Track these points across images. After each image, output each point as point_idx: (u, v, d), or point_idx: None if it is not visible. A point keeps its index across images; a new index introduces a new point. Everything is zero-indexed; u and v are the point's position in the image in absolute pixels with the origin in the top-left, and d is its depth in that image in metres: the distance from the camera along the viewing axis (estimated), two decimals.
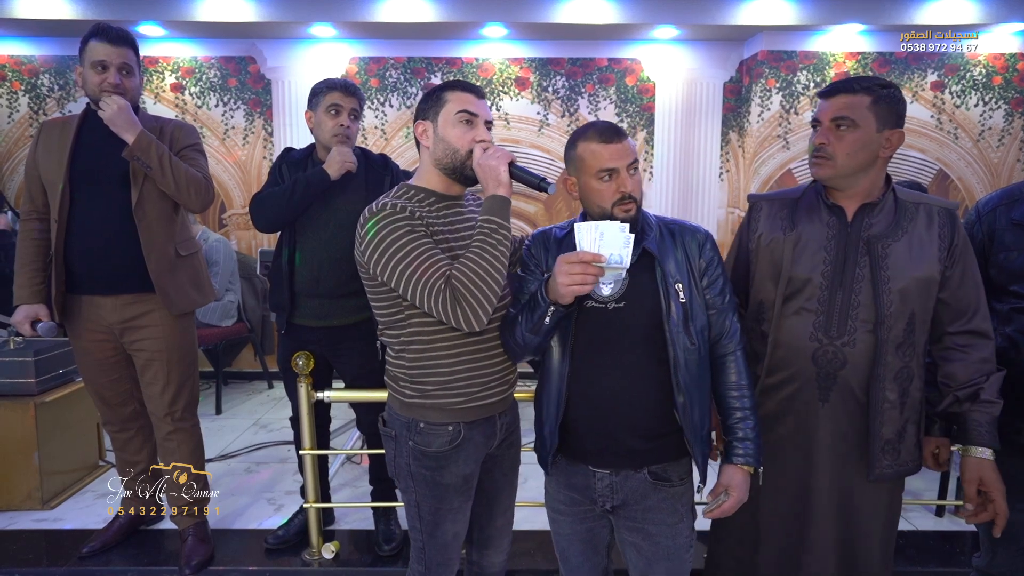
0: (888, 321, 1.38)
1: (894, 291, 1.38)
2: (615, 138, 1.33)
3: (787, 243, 1.45)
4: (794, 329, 1.44)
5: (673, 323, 1.31)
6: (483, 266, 1.29)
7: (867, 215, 1.42)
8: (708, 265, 1.38)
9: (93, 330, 2.12)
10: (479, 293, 1.28)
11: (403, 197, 1.40)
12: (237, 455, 3.20)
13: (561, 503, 1.46)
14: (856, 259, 1.40)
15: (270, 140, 4.46)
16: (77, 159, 2.03)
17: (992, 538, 1.49)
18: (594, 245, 1.21)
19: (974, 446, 1.40)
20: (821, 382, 1.43)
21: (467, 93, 1.39)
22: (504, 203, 1.33)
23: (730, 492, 1.35)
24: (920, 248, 1.40)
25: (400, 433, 1.44)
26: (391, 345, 1.45)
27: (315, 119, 2.10)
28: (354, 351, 2.12)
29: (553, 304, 1.26)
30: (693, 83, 4.46)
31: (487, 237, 1.31)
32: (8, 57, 4.37)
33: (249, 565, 2.23)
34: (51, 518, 2.55)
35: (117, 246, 2.04)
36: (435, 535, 1.46)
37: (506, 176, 1.33)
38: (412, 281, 1.29)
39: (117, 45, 1.98)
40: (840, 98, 1.38)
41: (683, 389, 1.31)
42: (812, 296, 1.42)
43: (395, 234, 1.31)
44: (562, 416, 1.36)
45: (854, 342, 1.40)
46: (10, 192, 4.45)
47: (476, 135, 1.39)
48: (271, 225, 2.09)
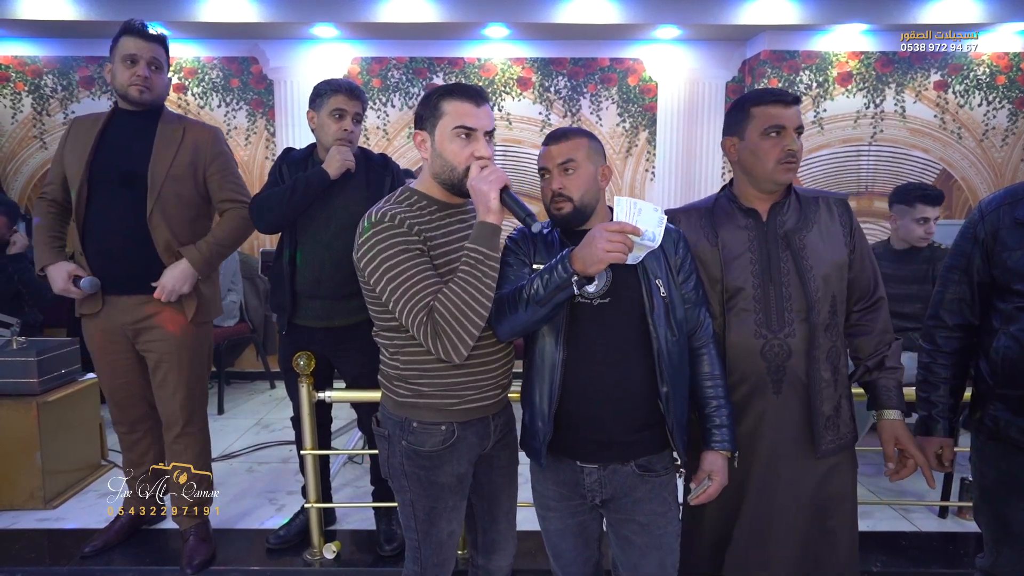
0: (817, 307, 1.49)
1: (818, 278, 1.50)
2: (553, 140, 1.40)
3: (714, 253, 1.54)
4: (739, 330, 1.52)
5: (657, 317, 1.35)
6: (466, 300, 1.27)
7: (778, 213, 1.55)
8: (683, 261, 1.44)
9: (109, 329, 2.13)
10: (460, 328, 1.27)
11: (404, 203, 1.38)
12: (239, 455, 3.21)
13: (551, 499, 1.47)
14: (779, 254, 1.52)
15: (272, 140, 4.47)
16: (97, 159, 2.04)
17: (996, 538, 1.48)
18: (631, 218, 1.25)
19: (886, 409, 1.54)
20: (773, 375, 1.51)
21: (465, 103, 1.34)
22: (493, 231, 1.30)
23: (713, 477, 1.41)
24: (830, 236, 1.53)
25: (393, 433, 1.44)
26: (386, 346, 1.44)
27: (318, 120, 2.09)
28: (355, 351, 2.12)
29: (577, 274, 1.25)
30: (695, 83, 4.45)
31: (472, 268, 1.28)
32: (12, 58, 4.38)
33: (250, 565, 2.23)
34: (53, 517, 2.56)
35: (132, 248, 2.04)
36: (430, 534, 1.46)
37: (496, 203, 1.29)
38: (398, 305, 1.30)
39: (148, 41, 2.02)
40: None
41: (667, 380, 1.36)
42: (748, 296, 1.51)
43: (389, 251, 1.30)
44: (556, 406, 1.36)
45: (793, 332, 1.50)
46: (14, 192, 4.47)
47: (475, 150, 1.35)
48: (272, 226, 2.09)
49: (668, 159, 4.53)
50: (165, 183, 2.04)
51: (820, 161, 4.30)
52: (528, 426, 1.44)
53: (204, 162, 2.12)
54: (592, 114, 4.48)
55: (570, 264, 1.25)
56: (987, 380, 1.45)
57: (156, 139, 2.06)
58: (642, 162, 4.53)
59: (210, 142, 2.14)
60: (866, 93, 4.24)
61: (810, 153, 4.29)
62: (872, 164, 4.30)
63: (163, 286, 2.04)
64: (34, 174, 4.49)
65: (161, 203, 2.04)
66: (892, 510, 2.62)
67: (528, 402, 1.43)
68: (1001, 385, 1.41)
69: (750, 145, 1.50)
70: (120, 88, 2.03)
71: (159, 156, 2.05)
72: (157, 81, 2.05)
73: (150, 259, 2.05)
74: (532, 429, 1.42)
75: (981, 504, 1.52)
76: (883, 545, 2.34)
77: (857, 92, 4.24)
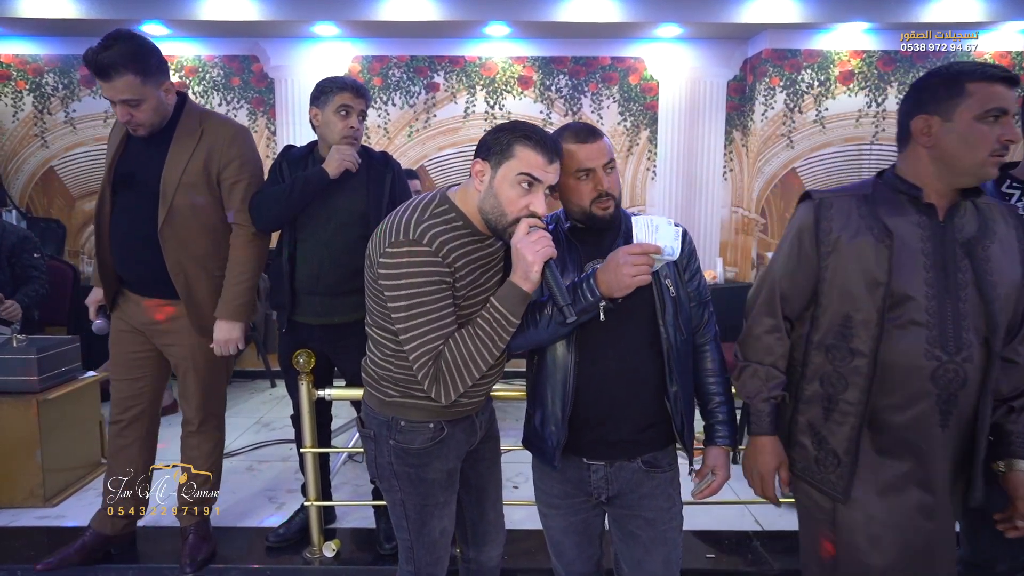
0: (998, 330, 1.26)
1: (1001, 297, 1.27)
2: (590, 138, 1.35)
3: (881, 250, 1.28)
4: (906, 346, 1.27)
5: (667, 316, 1.35)
6: (473, 355, 1.27)
7: (957, 214, 1.31)
8: (688, 260, 1.44)
9: (129, 323, 2.13)
10: (459, 378, 1.28)
11: (440, 218, 1.31)
12: (239, 453, 3.21)
13: (555, 497, 1.46)
14: (956, 263, 1.27)
15: (273, 139, 4.46)
16: (120, 165, 2.02)
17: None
18: (651, 237, 1.26)
19: (1019, 460, 1.32)
20: (942, 405, 1.27)
21: (539, 155, 1.26)
22: (522, 298, 1.27)
23: (716, 472, 1.44)
24: (1009, 249, 1.30)
25: (380, 433, 1.43)
26: (380, 347, 1.41)
27: (322, 118, 2.07)
28: (355, 349, 2.10)
29: (604, 299, 1.26)
30: (697, 82, 4.45)
31: (488, 327, 1.27)
32: (13, 56, 4.39)
33: (250, 563, 2.23)
34: (53, 515, 2.56)
35: (146, 256, 2.01)
36: (423, 533, 1.45)
37: (536, 276, 1.25)
38: (408, 336, 1.28)
39: (109, 80, 1.82)
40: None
41: (676, 379, 1.37)
42: (920, 307, 1.26)
43: (418, 278, 1.26)
44: (570, 408, 1.36)
45: (971, 357, 1.26)
46: (15, 190, 4.47)
47: (531, 204, 1.27)
48: (270, 224, 2.09)
49: (669, 158, 4.52)
50: (178, 193, 1.96)
51: (822, 160, 4.29)
52: (538, 429, 1.42)
53: (219, 166, 2.01)
54: (593, 113, 4.47)
55: (597, 288, 1.26)
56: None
57: (171, 146, 1.97)
58: (643, 161, 4.53)
59: (226, 145, 2.01)
60: (868, 92, 4.23)
61: (811, 152, 4.28)
62: (874, 163, 4.29)
63: (216, 344, 2.06)
64: (35, 173, 4.49)
65: (173, 214, 1.97)
66: None
67: (539, 405, 1.42)
68: None
69: (960, 128, 1.23)
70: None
71: (172, 165, 1.96)
72: (141, 115, 1.90)
73: (162, 269, 2.00)
74: (543, 432, 1.41)
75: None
76: None
77: (859, 91, 4.23)
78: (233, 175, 2.04)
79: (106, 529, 2.19)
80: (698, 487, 1.46)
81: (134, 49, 1.84)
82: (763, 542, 2.38)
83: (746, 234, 4.47)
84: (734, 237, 4.58)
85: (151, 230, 1.98)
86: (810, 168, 4.30)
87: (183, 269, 2.02)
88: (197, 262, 2.03)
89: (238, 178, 2.04)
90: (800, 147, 4.28)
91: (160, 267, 2.00)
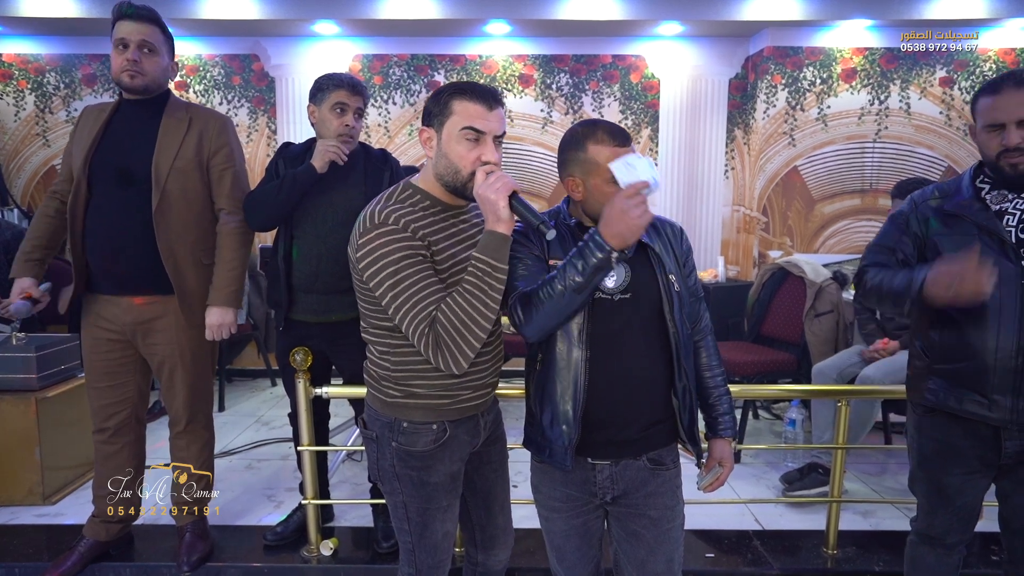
0: None
1: None
2: (627, 142, 1.32)
3: None
4: None
5: (675, 311, 1.35)
6: (470, 313, 1.23)
7: None
8: (687, 256, 1.45)
9: (107, 329, 2.05)
10: (462, 341, 1.24)
11: (406, 203, 1.33)
12: (238, 452, 3.21)
13: (557, 500, 1.43)
14: None
15: (274, 138, 4.46)
16: (99, 151, 1.97)
17: (932, 503, 1.63)
18: (633, 176, 1.23)
19: None
20: None
21: (476, 104, 1.28)
22: (502, 241, 1.26)
23: (723, 463, 1.46)
24: None
25: (382, 434, 1.41)
26: (376, 346, 1.40)
27: (319, 115, 2.07)
28: (352, 347, 2.09)
29: (615, 251, 1.20)
30: (698, 80, 4.43)
31: (478, 280, 1.24)
32: (14, 56, 4.40)
33: (247, 562, 2.22)
34: (52, 513, 2.56)
35: (134, 246, 1.96)
36: (425, 536, 1.43)
37: (506, 211, 1.25)
38: (399, 313, 1.26)
39: (138, 21, 1.93)
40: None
41: (685, 374, 1.37)
42: None
43: (392, 255, 1.25)
44: (583, 407, 1.32)
45: None
46: (17, 189, 4.48)
47: (482, 154, 1.29)
48: (263, 223, 2.08)
49: (671, 157, 4.51)
50: (169, 178, 1.96)
51: (824, 158, 4.27)
52: (546, 429, 1.38)
53: (208, 152, 2.04)
54: (594, 111, 4.46)
55: (605, 242, 1.20)
56: (924, 357, 1.58)
57: (160, 131, 1.98)
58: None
59: (216, 132, 2.05)
60: (871, 89, 4.21)
61: (814, 150, 4.26)
62: (877, 161, 4.27)
63: (210, 329, 2.05)
64: (37, 172, 4.50)
65: (166, 199, 1.96)
66: (895, 509, 2.60)
67: (547, 404, 1.37)
68: (938, 360, 1.54)
69: None
70: (114, 77, 1.97)
71: (163, 150, 1.96)
72: (149, 64, 1.95)
73: (153, 258, 1.97)
74: (552, 433, 1.37)
75: (918, 473, 1.66)
76: (885, 544, 2.33)
77: (861, 88, 4.21)
78: (222, 162, 2.06)
79: (100, 536, 2.17)
80: (706, 479, 1.46)
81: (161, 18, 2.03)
82: (763, 541, 2.36)
83: (748, 233, 4.45)
84: (735, 236, 4.56)
85: (141, 218, 1.94)
86: (812, 166, 4.28)
87: (174, 256, 1.99)
88: (187, 248, 2.02)
89: (227, 165, 2.07)
90: (802, 145, 4.26)
91: (148, 258, 1.96)
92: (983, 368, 1.46)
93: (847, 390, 2.51)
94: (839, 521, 2.28)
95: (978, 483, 1.58)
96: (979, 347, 1.46)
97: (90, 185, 1.98)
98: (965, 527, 1.63)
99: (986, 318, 1.44)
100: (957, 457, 1.56)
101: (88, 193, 1.98)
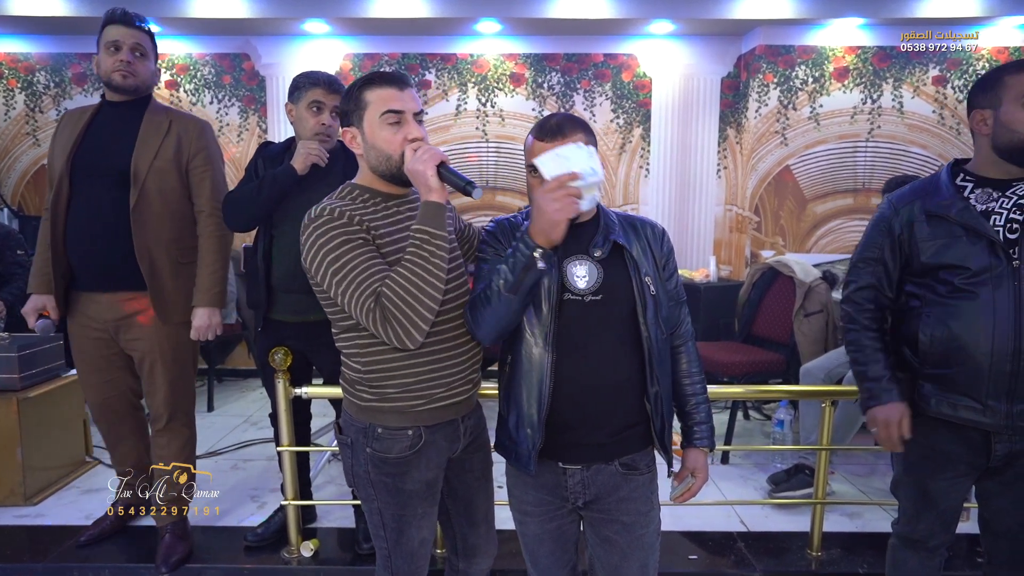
0: None
1: None
2: (555, 136, 1.28)
3: None
4: None
5: (648, 314, 1.32)
6: (414, 281, 1.23)
7: None
8: (667, 259, 1.41)
9: (90, 327, 2.11)
10: (410, 311, 1.23)
11: (346, 198, 1.34)
12: (225, 452, 3.19)
13: (529, 504, 1.42)
14: None
15: (264, 137, 4.45)
16: (80, 151, 2.02)
17: (916, 508, 1.60)
18: (561, 168, 1.20)
19: None
20: None
21: (388, 88, 1.31)
22: (437, 210, 1.26)
23: (696, 474, 1.41)
24: None
25: (357, 440, 1.39)
26: (346, 349, 1.39)
27: (296, 114, 2.07)
28: (331, 347, 2.06)
29: (541, 248, 1.20)
30: (690, 79, 4.41)
31: (419, 248, 1.24)
32: (4, 54, 4.38)
33: (227, 563, 2.21)
34: (33, 514, 2.54)
35: (112, 243, 2.01)
36: (400, 542, 1.41)
37: (435, 180, 1.26)
38: (345, 296, 1.25)
39: (131, 27, 2.01)
40: None
41: (657, 380, 1.33)
42: None
43: (330, 244, 1.25)
44: (547, 412, 1.31)
45: None
46: (7, 188, 4.47)
47: (407, 133, 1.31)
48: (242, 226, 2.07)
49: (663, 156, 4.49)
50: (148, 176, 2.01)
51: (816, 157, 4.25)
52: (512, 432, 1.36)
53: (188, 155, 2.09)
54: (586, 110, 4.44)
55: (531, 239, 1.21)
56: (913, 363, 1.53)
57: (141, 130, 2.03)
58: (636, 159, 4.49)
59: (196, 135, 2.10)
60: (863, 88, 4.19)
61: (806, 149, 4.24)
62: (869, 160, 4.24)
63: (197, 331, 2.10)
64: (27, 171, 4.49)
65: (144, 197, 2.00)
66: (882, 511, 2.58)
67: (513, 407, 1.36)
68: (930, 366, 1.49)
69: None
70: (104, 76, 2.02)
71: (143, 148, 2.02)
72: (140, 67, 2.03)
73: (129, 257, 2.01)
74: (518, 436, 1.35)
75: (903, 477, 1.63)
76: (871, 545, 2.31)
77: (854, 87, 4.18)
78: (201, 165, 2.11)
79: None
80: (677, 490, 1.42)
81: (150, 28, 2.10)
82: (747, 543, 2.35)
83: (740, 232, 4.43)
84: (728, 235, 4.54)
85: (120, 215, 1.99)
86: (804, 165, 4.26)
87: (149, 253, 2.03)
88: (163, 247, 2.06)
89: (206, 168, 2.12)
90: (794, 144, 4.23)
91: (126, 255, 2.00)
92: (978, 373, 1.42)
93: (833, 391, 2.49)
94: (824, 523, 2.27)
95: (963, 485, 1.57)
96: (973, 351, 1.41)
97: (72, 183, 2.02)
98: (947, 529, 1.62)
99: (980, 321, 1.40)
100: (947, 462, 1.53)
101: (70, 191, 2.02)
